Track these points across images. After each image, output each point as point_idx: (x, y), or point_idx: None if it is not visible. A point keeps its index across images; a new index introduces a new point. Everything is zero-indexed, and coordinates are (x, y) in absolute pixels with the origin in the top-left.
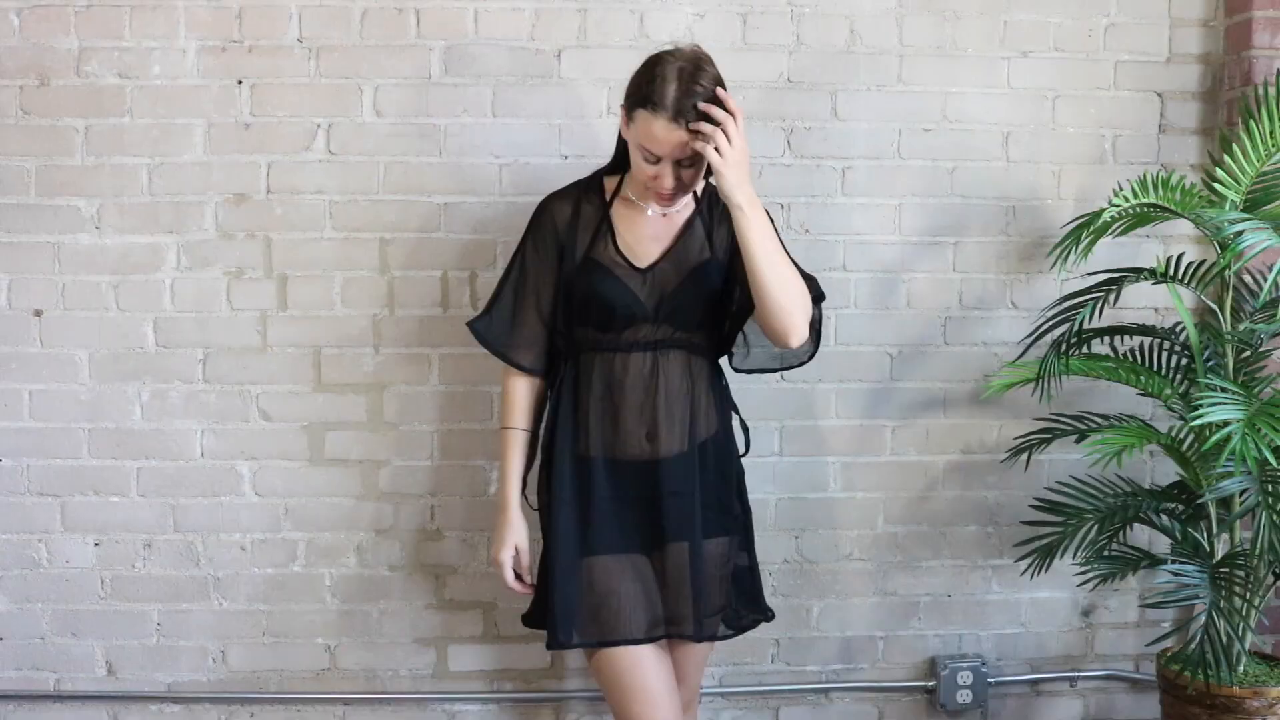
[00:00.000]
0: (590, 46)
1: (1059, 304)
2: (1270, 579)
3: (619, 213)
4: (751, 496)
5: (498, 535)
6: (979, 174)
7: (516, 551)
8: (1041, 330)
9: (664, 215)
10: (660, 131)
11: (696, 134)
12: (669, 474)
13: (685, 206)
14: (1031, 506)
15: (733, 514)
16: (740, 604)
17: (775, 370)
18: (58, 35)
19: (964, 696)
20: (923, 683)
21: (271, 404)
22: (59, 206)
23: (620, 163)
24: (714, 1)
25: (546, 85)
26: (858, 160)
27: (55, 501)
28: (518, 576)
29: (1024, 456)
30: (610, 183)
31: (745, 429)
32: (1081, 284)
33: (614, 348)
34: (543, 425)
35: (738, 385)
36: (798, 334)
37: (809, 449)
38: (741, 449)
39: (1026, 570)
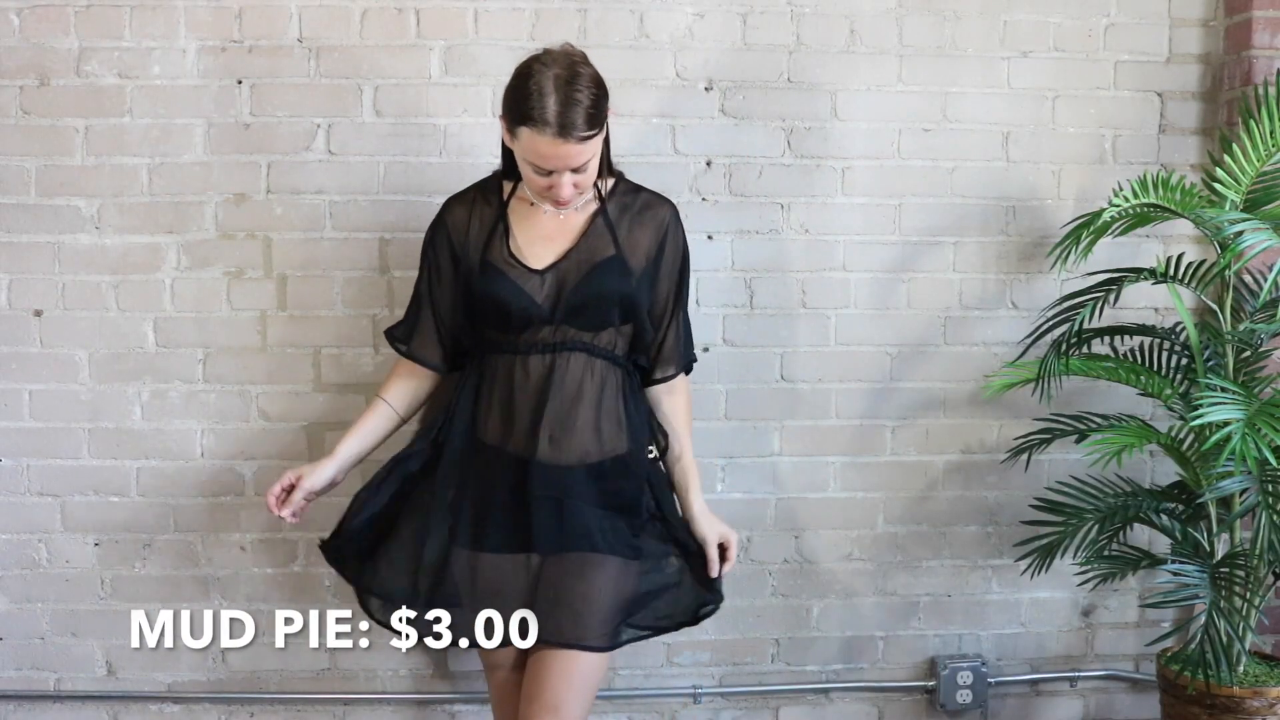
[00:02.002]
0: (590, 46)
1: (1059, 304)
2: (1270, 579)
3: (516, 213)
4: (751, 496)
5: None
6: (979, 174)
7: (298, 482)
8: (1041, 330)
9: (560, 215)
10: (546, 148)
11: (586, 142)
12: (557, 482)
13: (586, 205)
14: (1031, 506)
15: (637, 535)
16: (674, 605)
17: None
18: (58, 35)
19: (964, 696)
20: (923, 683)
21: (271, 404)
22: (59, 206)
23: (511, 169)
24: (714, 1)
25: None
26: (858, 160)
27: (55, 501)
28: (283, 502)
29: (1024, 456)
30: (508, 183)
31: (664, 434)
32: (1081, 284)
33: (513, 350)
34: (434, 417)
35: (737, 385)
36: None
37: (809, 449)
38: (655, 454)
39: (1026, 570)
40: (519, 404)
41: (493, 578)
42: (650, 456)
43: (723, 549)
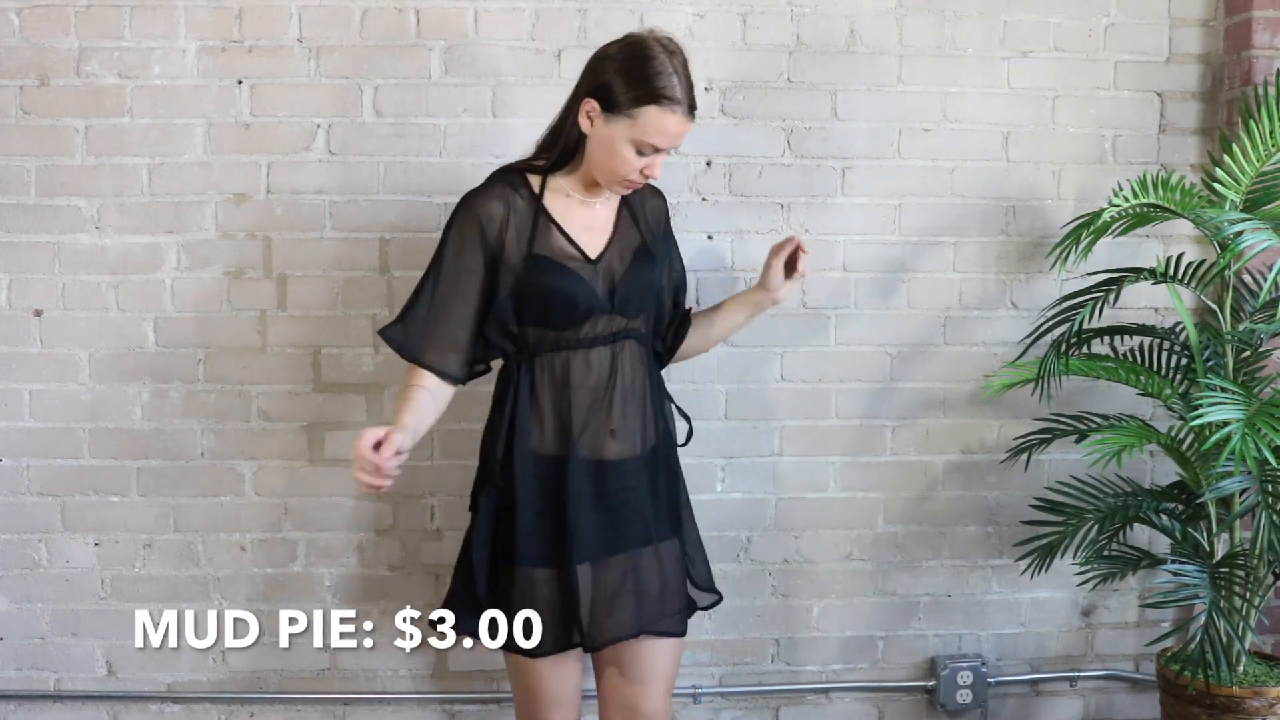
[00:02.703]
0: (590, 46)
1: (1059, 304)
2: (1270, 579)
3: (553, 206)
4: (751, 496)
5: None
6: (979, 174)
7: (386, 438)
8: (1041, 330)
9: (596, 205)
10: (675, 126)
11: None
12: (625, 475)
13: (611, 196)
14: (1031, 506)
15: (682, 511)
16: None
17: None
18: (58, 35)
19: (964, 696)
20: (923, 683)
21: (271, 404)
22: (59, 206)
23: (565, 157)
24: (714, 1)
25: (546, 85)
26: (858, 160)
27: (55, 501)
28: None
29: (1024, 456)
30: (534, 177)
31: (685, 418)
32: (1081, 284)
33: (573, 345)
34: (485, 427)
35: (737, 385)
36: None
37: (809, 449)
38: (682, 439)
39: (1026, 570)
40: (577, 402)
41: (586, 587)
42: (680, 444)
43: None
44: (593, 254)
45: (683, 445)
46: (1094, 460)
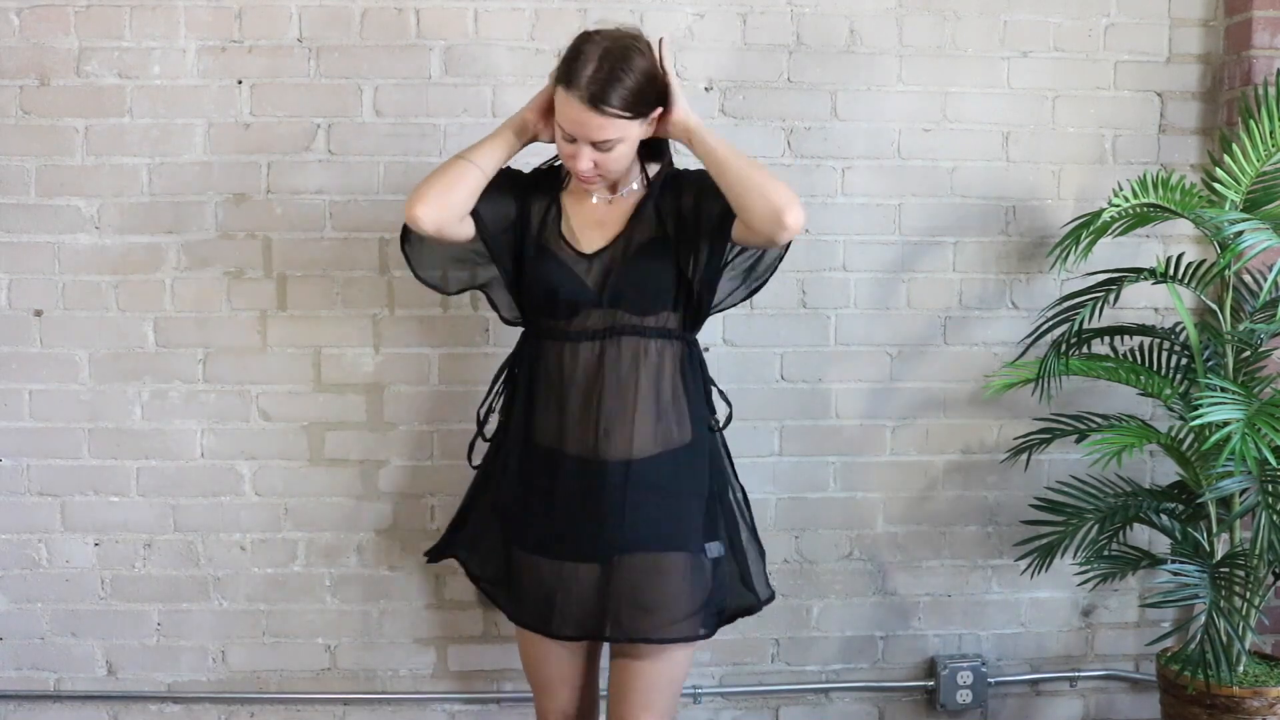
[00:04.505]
0: None
1: (1059, 304)
2: (1270, 579)
3: (570, 199)
4: (751, 496)
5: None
6: (979, 174)
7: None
8: (1041, 330)
9: (609, 201)
10: (574, 112)
11: (612, 119)
12: (620, 479)
13: (634, 192)
14: (1031, 506)
15: (702, 523)
16: (721, 599)
17: (749, 295)
18: (58, 35)
19: (964, 696)
20: (923, 683)
21: (271, 404)
22: (59, 206)
23: None
24: (714, 1)
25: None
26: (858, 160)
27: (55, 501)
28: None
29: (1024, 456)
30: (564, 169)
31: (727, 402)
32: (1081, 284)
33: (563, 336)
34: (491, 396)
35: (737, 387)
36: (791, 209)
37: (809, 449)
38: (717, 426)
39: (1026, 570)
40: (571, 396)
41: (563, 584)
42: (712, 429)
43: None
44: (590, 249)
45: (724, 427)
46: (1094, 460)
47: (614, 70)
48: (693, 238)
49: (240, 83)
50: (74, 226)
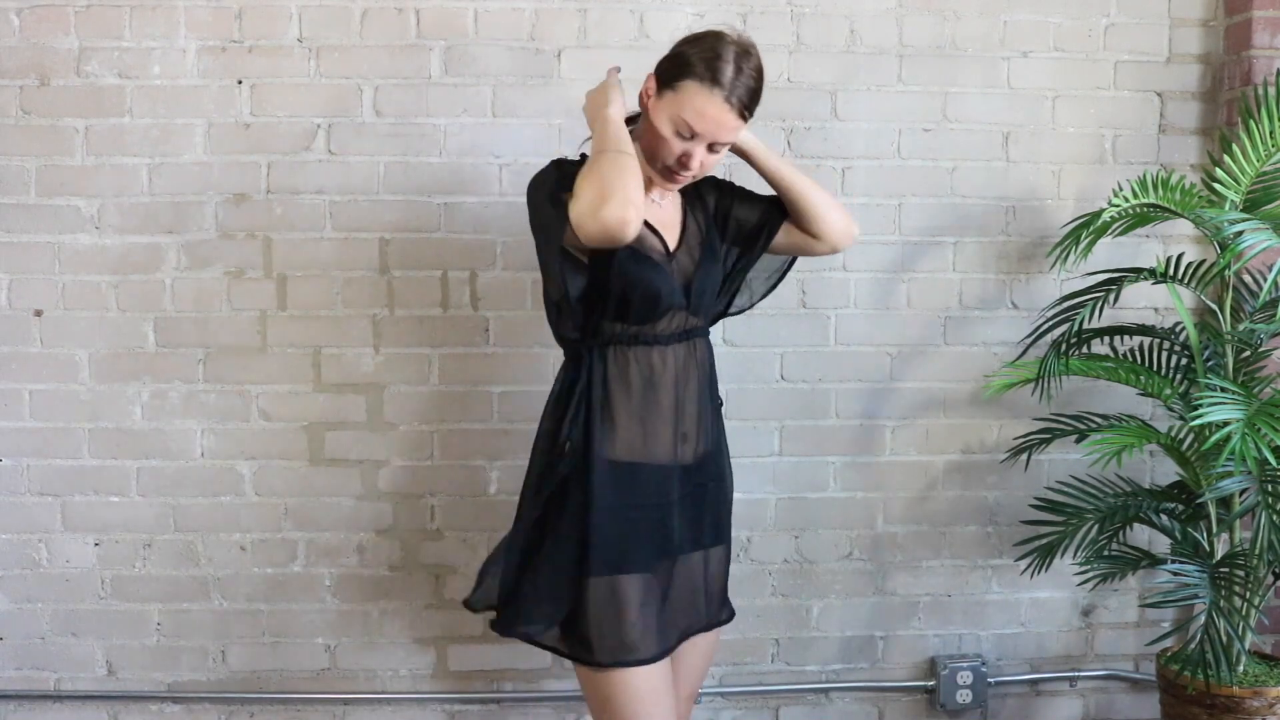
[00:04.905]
0: (590, 46)
1: (1059, 304)
2: (1270, 579)
3: None
4: (751, 496)
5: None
6: (979, 174)
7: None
8: (1041, 330)
9: (661, 202)
10: (712, 109)
11: (739, 119)
12: (692, 478)
13: (675, 196)
14: (1031, 506)
15: (721, 522)
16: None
17: (762, 298)
18: (58, 35)
19: (964, 696)
20: (923, 683)
21: (271, 404)
22: (59, 206)
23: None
24: (714, 1)
25: (546, 85)
26: (858, 160)
27: (55, 501)
28: None
29: (1024, 456)
30: None
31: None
32: (1081, 284)
33: (651, 341)
34: (566, 420)
35: (737, 386)
36: (854, 223)
37: (809, 449)
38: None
39: (1026, 570)
40: (659, 402)
41: (677, 589)
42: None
43: None
44: (671, 249)
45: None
46: (1094, 460)
47: (754, 75)
48: (722, 241)
49: (240, 83)
50: (74, 226)
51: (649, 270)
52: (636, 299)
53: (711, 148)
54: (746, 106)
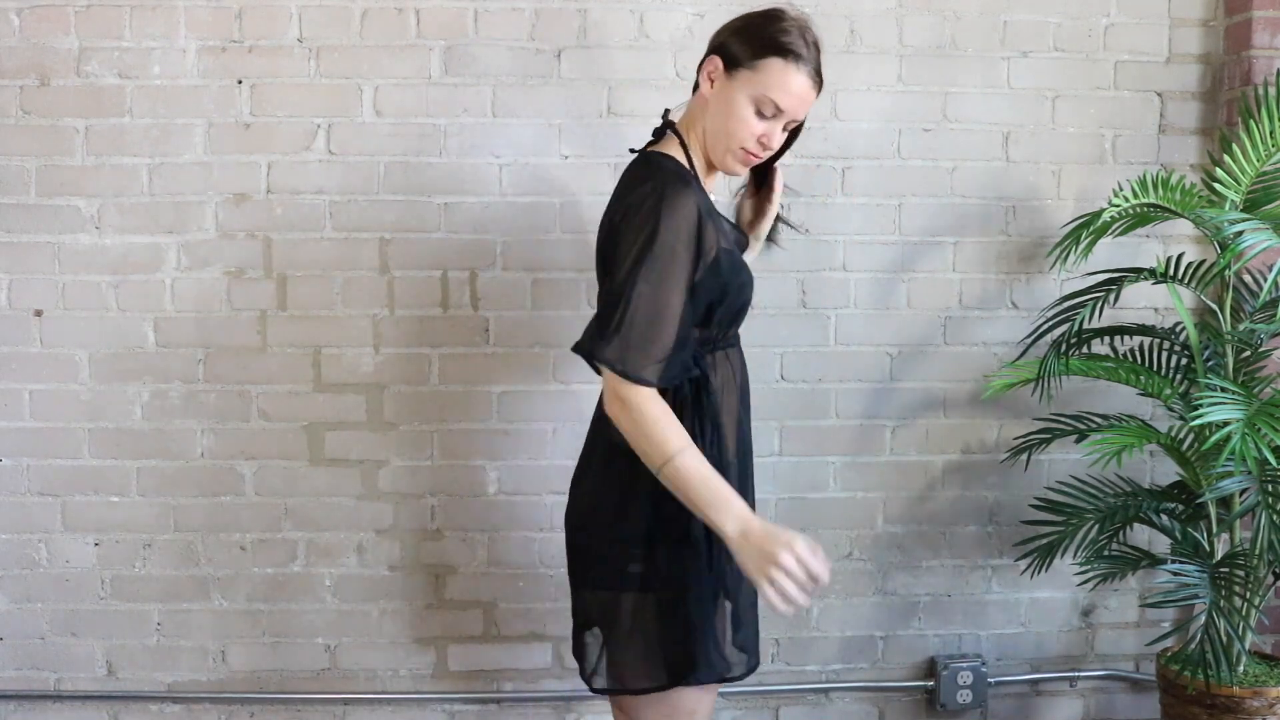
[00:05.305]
0: (590, 46)
1: (1059, 304)
2: (1270, 579)
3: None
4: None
5: (769, 539)
6: (979, 174)
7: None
8: (1041, 330)
9: (715, 196)
10: (798, 86)
11: (814, 98)
12: (750, 477)
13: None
14: (1031, 506)
15: None
16: None
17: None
18: (58, 35)
19: (964, 696)
20: (923, 683)
21: (271, 404)
22: (59, 206)
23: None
24: (714, 1)
25: (546, 85)
26: (858, 160)
27: (55, 501)
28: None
29: (1024, 456)
30: (682, 161)
31: None
32: (1081, 284)
33: (732, 344)
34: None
35: None
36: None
37: (809, 449)
38: None
39: (1026, 570)
40: (741, 403)
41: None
42: None
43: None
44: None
45: None
46: (1094, 460)
47: (819, 48)
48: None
49: (240, 83)
50: (74, 226)
51: (743, 269)
52: (739, 304)
53: (787, 128)
54: (821, 81)
